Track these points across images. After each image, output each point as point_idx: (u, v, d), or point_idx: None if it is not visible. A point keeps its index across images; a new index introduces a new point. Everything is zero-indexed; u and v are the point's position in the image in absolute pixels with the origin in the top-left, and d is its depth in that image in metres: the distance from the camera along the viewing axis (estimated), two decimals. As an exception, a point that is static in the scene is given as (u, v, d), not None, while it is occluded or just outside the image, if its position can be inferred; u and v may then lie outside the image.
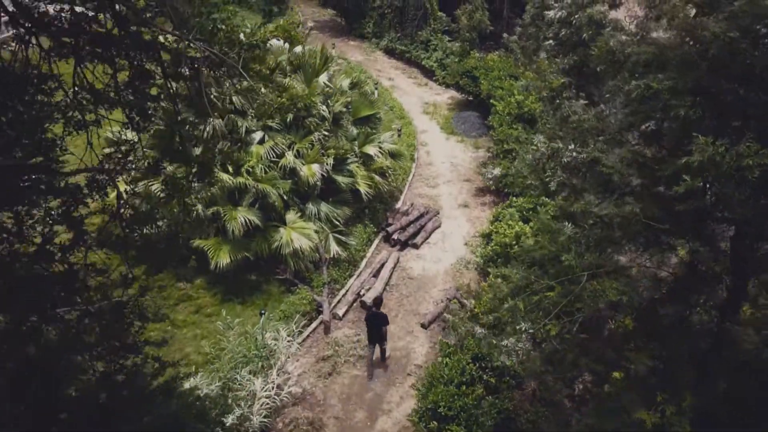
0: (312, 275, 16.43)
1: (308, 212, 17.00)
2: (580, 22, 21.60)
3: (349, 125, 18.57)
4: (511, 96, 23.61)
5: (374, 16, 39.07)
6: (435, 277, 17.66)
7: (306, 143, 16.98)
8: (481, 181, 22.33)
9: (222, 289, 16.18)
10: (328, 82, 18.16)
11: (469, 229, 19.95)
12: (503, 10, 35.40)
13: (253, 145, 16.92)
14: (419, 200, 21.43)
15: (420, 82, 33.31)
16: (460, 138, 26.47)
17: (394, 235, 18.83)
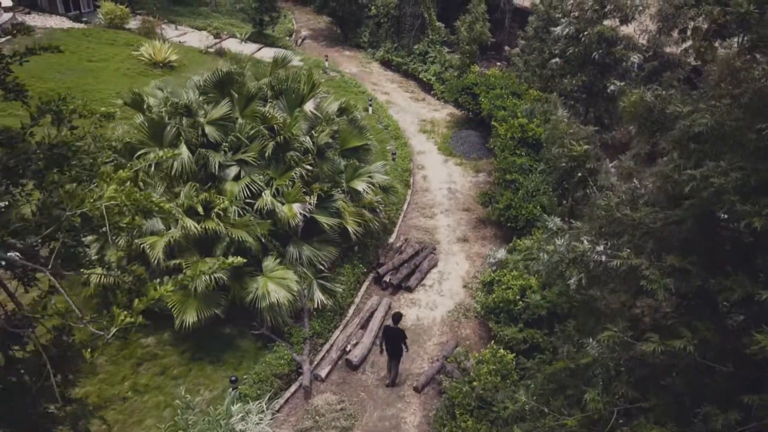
0: (292, 329, 14.67)
1: (289, 256, 15.24)
2: (589, 40, 19.87)
3: (336, 156, 16.81)
4: (515, 118, 21.83)
5: (370, 25, 37.39)
6: (430, 328, 15.89)
7: (286, 180, 15.22)
8: (482, 211, 20.58)
9: (191, 345, 14.42)
10: (314, 110, 16.39)
11: (468, 268, 18.19)
12: (505, 20, 33.65)
13: (228, 181, 15.17)
14: (414, 233, 19.67)
15: (417, 96, 31.56)
16: (459, 160, 24.72)
17: (386, 277, 17.08)
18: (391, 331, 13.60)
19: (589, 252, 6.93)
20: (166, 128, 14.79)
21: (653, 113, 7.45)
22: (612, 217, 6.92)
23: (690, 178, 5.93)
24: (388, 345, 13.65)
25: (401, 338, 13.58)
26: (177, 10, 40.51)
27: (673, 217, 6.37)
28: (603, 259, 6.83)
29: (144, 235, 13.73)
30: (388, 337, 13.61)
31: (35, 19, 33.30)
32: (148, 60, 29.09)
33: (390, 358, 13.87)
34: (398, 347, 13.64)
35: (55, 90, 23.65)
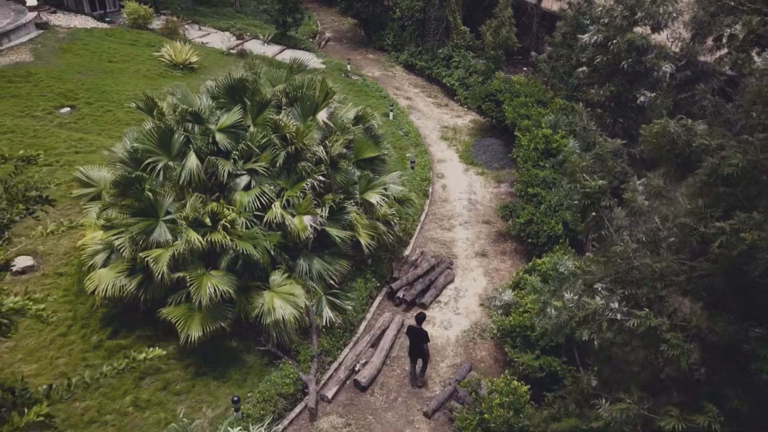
0: (299, 346, 14.14)
1: (299, 269, 14.73)
2: (618, 48, 18.98)
3: (350, 167, 16.24)
4: (538, 128, 21.03)
5: (394, 27, 36.77)
6: (444, 348, 15.24)
7: (297, 191, 14.70)
8: (502, 225, 19.84)
9: (196, 359, 13.98)
10: (327, 120, 15.83)
11: (486, 285, 17.48)
12: (532, 24, 32.76)
13: (237, 191, 14.71)
14: (431, 246, 19.02)
15: (440, 102, 30.86)
16: (481, 169, 23.98)
17: (400, 293, 16.47)
18: (415, 332, 13.58)
19: (603, 309, 6.23)
20: (174, 136, 14.35)
21: (678, 145, 6.73)
22: (630, 266, 6.21)
23: (719, 231, 5.22)
24: (412, 346, 13.73)
25: (424, 340, 13.50)
26: (201, 11, 40.41)
27: (699, 271, 5.65)
28: (618, 317, 6.13)
29: (150, 247, 13.32)
30: (411, 338, 13.66)
31: (60, 19, 33.42)
32: (168, 61, 28.90)
33: (412, 359, 13.97)
34: (421, 348, 13.59)
35: (74, 91, 23.60)
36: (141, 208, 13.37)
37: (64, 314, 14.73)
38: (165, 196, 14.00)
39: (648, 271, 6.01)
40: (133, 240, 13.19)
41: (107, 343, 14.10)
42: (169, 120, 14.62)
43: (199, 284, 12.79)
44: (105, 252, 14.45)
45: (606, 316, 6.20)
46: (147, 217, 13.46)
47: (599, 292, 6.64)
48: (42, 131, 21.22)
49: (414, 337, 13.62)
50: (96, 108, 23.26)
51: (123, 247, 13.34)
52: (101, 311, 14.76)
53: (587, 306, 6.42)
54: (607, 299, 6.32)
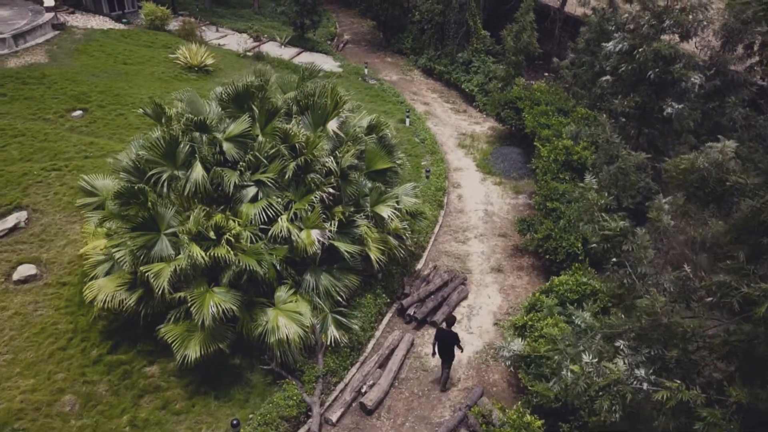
0: (304, 365, 13.61)
1: (305, 285, 14.20)
2: (644, 57, 18.16)
3: (361, 178, 15.66)
4: (559, 138, 20.30)
5: (414, 30, 36.19)
6: (455, 370, 14.59)
7: (306, 203, 14.16)
8: (519, 238, 19.14)
9: (197, 377, 13.50)
10: (338, 130, 15.25)
11: (501, 302, 16.81)
12: (555, 29, 31.94)
13: (244, 203, 14.21)
14: (445, 260, 18.39)
15: (458, 108, 30.19)
16: (498, 179, 23.27)
17: (410, 310, 15.87)
18: (445, 334, 13.46)
19: (627, 378, 5.54)
20: (179, 146, 13.90)
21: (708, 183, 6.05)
22: (657, 323, 5.53)
23: (764, 294, 4.52)
24: (440, 348, 13.57)
25: (455, 342, 13.45)
26: (219, 12, 40.15)
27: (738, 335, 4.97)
28: (644, 387, 5.44)
29: (151, 261, 12.87)
30: (441, 341, 13.50)
31: (78, 19, 33.30)
32: (183, 64, 28.58)
33: (442, 361, 13.79)
34: (451, 351, 13.55)
35: (87, 94, 23.35)
36: (142, 222, 12.92)
37: (64, 326, 14.35)
38: (168, 208, 13.52)
39: (678, 330, 5.33)
40: (134, 254, 12.75)
41: (107, 357, 13.69)
42: (175, 129, 14.16)
43: (201, 303, 12.29)
44: (107, 263, 14.04)
45: (630, 385, 5.51)
46: (148, 231, 13.01)
47: (621, 350, 5.97)
48: (53, 135, 20.96)
49: (444, 340, 13.50)
50: (108, 111, 22.97)
51: (123, 261, 12.91)
52: (102, 323, 14.37)
53: (608, 373, 5.74)
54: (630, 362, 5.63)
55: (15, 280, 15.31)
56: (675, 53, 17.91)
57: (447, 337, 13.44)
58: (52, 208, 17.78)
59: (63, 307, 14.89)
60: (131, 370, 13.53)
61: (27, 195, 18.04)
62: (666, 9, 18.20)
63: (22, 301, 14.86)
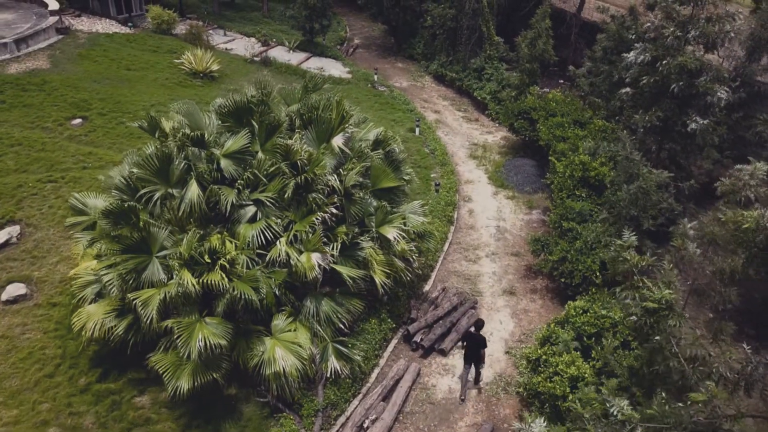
0: (303, 398, 12.80)
1: (305, 311, 13.39)
2: (668, 70, 17.22)
3: (367, 196, 14.84)
4: (575, 152, 19.37)
5: (425, 36, 35.36)
6: (464, 404, 13.72)
7: (307, 224, 13.36)
8: (533, 258, 18.23)
9: (189, 409, 12.70)
10: (343, 146, 14.44)
11: (513, 328, 15.93)
12: (571, 35, 30.95)
13: (242, 224, 13.43)
14: (454, 280, 17.53)
15: (470, 116, 29.31)
16: (511, 193, 22.38)
17: (417, 336, 15.02)
18: (474, 338, 13.59)
19: None
20: (174, 162, 13.14)
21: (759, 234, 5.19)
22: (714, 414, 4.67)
23: None
24: (469, 352, 13.62)
25: (483, 345, 13.58)
26: (228, 15, 39.53)
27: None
28: None
29: (141, 286, 12.12)
30: (470, 344, 13.61)
31: (83, 23, 32.77)
32: (188, 70, 27.91)
33: (469, 366, 13.78)
34: (479, 354, 13.63)
35: (88, 101, 22.72)
36: (133, 244, 12.17)
37: (52, 351, 13.64)
38: (162, 229, 12.77)
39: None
40: (123, 278, 12.01)
41: (95, 386, 12.94)
42: (170, 145, 13.42)
43: (188, 335, 11.51)
44: (97, 284, 13.31)
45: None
46: (139, 254, 12.26)
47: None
48: (50, 144, 20.33)
49: (472, 343, 13.58)
50: (109, 119, 22.32)
51: (112, 285, 12.17)
52: (92, 348, 13.63)
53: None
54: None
55: (3, 300, 14.65)
56: (701, 66, 16.96)
57: (476, 341, 13.55)
58: (46, 223, 17.11)
59: (52, 330, 14.18)
60: (120, 401, 12.77)
61: (21, 208, 17.39)
62: (691, 19, 17.25)
63: (9, 323, 14.18)
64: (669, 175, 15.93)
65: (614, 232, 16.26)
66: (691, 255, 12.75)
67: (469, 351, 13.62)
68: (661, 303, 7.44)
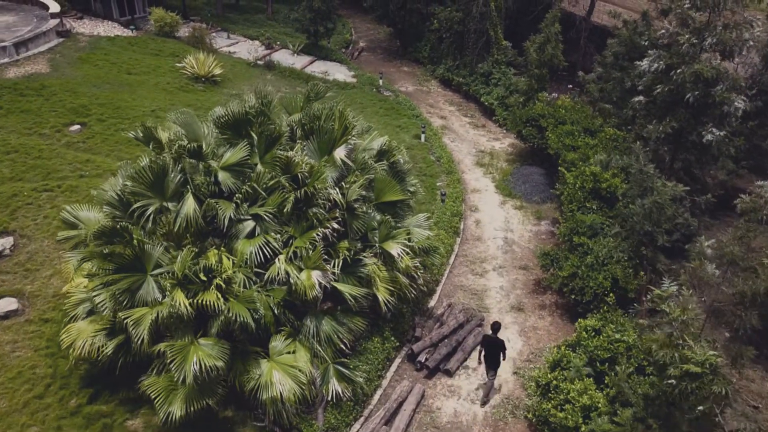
0: (301, 423, 12.26)
1: (305, 331, 12.85)
2: (682, 78, 16.59)
3: (370, 209, 14.29)
4: (586, 162, 18.78)
5: (431, 39, 34.82)
6: (470, 428, 13.16)
7: (307, 240, 12.82)
8: (541, 271, 17.63)
9: (183, 432, 12.22)
10: (346, 158, 13.90)
11: (521, 347, 15.35)
12: (580, 39, 30.32)
13: (239, 239, 12.91)
14: (460, 296, 16.96)
15: (477, 122, 28.73)
16: (519, 203, 21.78)
17: (421, 356, 14.46)
18: (491, 341, 13.40)
19: None
20: (169, 175, 12.62)
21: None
22: None
23: None
24: (487, 355, 13.48)
25: (501, 349, 13.38)
26: (231, 17, 39.06)
27: None
28: None
29: (135, 305, 11.61)
30: (488, 347, 13.45)
31: (85, 25, 32.37)
32: (190, 74, 27.43)
33: (488, 368, 13.61)
34: (497, 358, 13.45)
35: (87, 106, 22.26)
36: (126, 263, 11.66)
37: (43, 370, 13.15)
38: (156, 245, 12.26)
39: None
40: (115, 298, 11.50)
41: (86, 408, 12.42)
42: (165, 157, 12.91)
43: (183, 358, 10.99)
44: (89, 303, 12.80)
45: None
46: (133, 273, 11.75)
47: None
48: (47, 151, 19.87)
49: (491, 347, 13.41)
50: (108, 126, 21.85)
51: (104, 305, 11.67)
52: (84, 367, 13.14)
53: None
54: None
55: (-7, 317, 14.18)
56: (717, 74, 16.32)
57: (494, 344, 13.35)
58: (41, 234, 16.66)
59: (43, 347, 13.70)
60: (112, 424, 12.26)
61: (15, 218, 16.94)
62: (707, 25, 16.62)
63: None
64: (684, 189, 15.31)
65: (627, 248, 15.68)
66: (709, 276, 12.16)
67: (487, 355, 13.48)
68: (705, 366, 6.78)
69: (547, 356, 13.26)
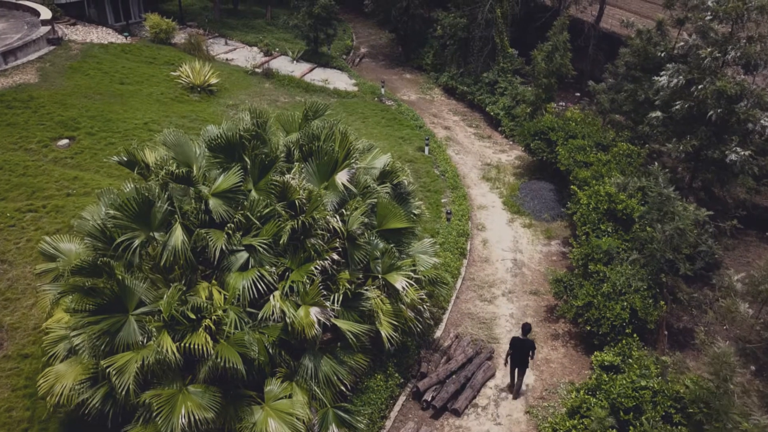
0: (299, 473, 11.30)
1: (302, 371, 11.87)
2: (704, 94, 15.66)
3: (372, 236, 13.34)
4: (599, 180, 17.82)
5: (435, 45, 33.86)
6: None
7: (305, 273, 11.86)
8: (552, 297, 16.67)
9: (171, 484, 11.23)
10: (348, 184, 12.93)
11: (534, 382, 14.38)
12: (589, 47, 29.33)
13: (232, 271, 11.95)
14: (467, 325, 15.99)
15: (482, 133, 27.77)
16: (528, 220, 20.81)
17: (427, 394, 13.50)
18: (521, 343, 13.43)
19: None
20: (155, 205, 11.66)
21: None
22: None
23: None
24: (515, 355, 13.51)
25: (531, 349, 13.46)
26: (229, 23, 38.12)
27: None
28: None
29: (116, 350, 10.63)
30: (517, 348, 13.44)
31: (78, 32, 31.42)
32: (185, 83, 26.47)
33: (517, 368, 13.70)
34: (526, 359, 13.51)
35: (76, 119, 21.32)
36: (105, 303, 10.69)
37: (20, 413, 12.21)
38: (141, 281, 11.29)
39: None
40: (93, 342, 10.55)
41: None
42: (152, 185, 11.96)
43: (170, 409, 10.02)
44: (69, 341, 11.82)
45: None
46: (112, 314, 10.77)
47: None
48: (33, 168, 18.92)
49: (520, 348, 13.42)
50: (97, 140, 20.90)
51: (83, 349, 10.71)
52: (64, 410, 12.17)
53: None
54: None
55: (-31, 352, 13.23)
56: (742, 90, 15.38)
57: (524, 346, 13.39)
58: (23, 259, 15.72)
59: (21, 387, 12.77)
60: (94, 473, 11.32)
61: (-4, 242, 16.01)
62: (730, 38, 15.68)
63: (-30, 381, 12.76)
64: (708, 213, 14.37)
65: (646, 275, 14.72)
66: (742, 316, 11.19)
67: (516, 355, 13.48)
68: None
69: (565, 399, 12.28)
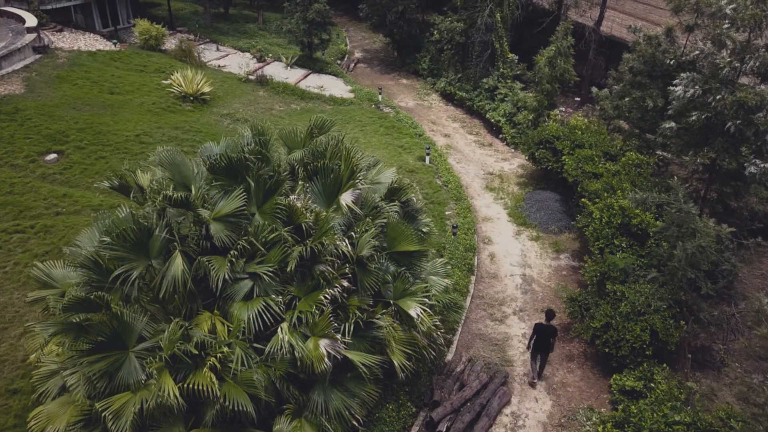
0: None
1: (312, 407, 11.17)
2: (722, 105, 15.10)
3: (383, 258, 12.66)
4: (611, 193, 17.24)
5: (431, 50, 33.22)
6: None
7: (313, 302, 11.16)
8: (566, 317, 16.06)
9: None
10: (353, 205, 12.25)
11: (551, 408, 13.75)
12: (589, 51, 28.77)
13: (236, 301, 11.22)
14: (479, 347, 15.34)
15: (483, 140, 27.15)
16: (535, 233, 20.20)
17: (441, 425, 12.82)
18: (544, 329, 13.90)
19: None
20: (153, 233, 10.91)
21: None
22: None
23: None
24: (538, 341, 13.99)
25: (554, 335, 13.97)
26: (221, 28, 37.31)
27: None
28: None
29: (114, 390, 9.88)
30: (540, 334, 13.91)
31: (65, 39, 30.49)
32: (177, 92, 25.65)
33: (539, 353, 14.23)
34: (548, 343, 13.99)
35: (65, 132, 20.50)
36: (103, 341, 9.93)
37: (9, 457, 11.43)
38: (140, 314, 10.55)
39: None
40: (91, 383, 9.80)
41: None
42: (149, 212, 11.21)
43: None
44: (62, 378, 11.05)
45: None
46: (111, 351, 10.03)
47: None
48: (19, 185, 18.07)
49: (543, 334, 13.87)
50: (87, 153, 20.07)
51: (77, 390, 9.95)
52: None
53: None
54: None
55: (-47, 388, 12.41)
56: (761, 100, 14.84)
57: (546, 332, 13.87)
58: (10, 284, 14.90)
59: (11, 426, 11.98)
60: None
61: (-19, 266, 15.17)
62: (748, 46, 15.13)
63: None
64: (730, 230, 13.81)
65: (666, 295, 14.14)
66: (780, 345, 10.61)
67: (539, 341, 13.95)
68: None
69: (587, 429, 11.65)
